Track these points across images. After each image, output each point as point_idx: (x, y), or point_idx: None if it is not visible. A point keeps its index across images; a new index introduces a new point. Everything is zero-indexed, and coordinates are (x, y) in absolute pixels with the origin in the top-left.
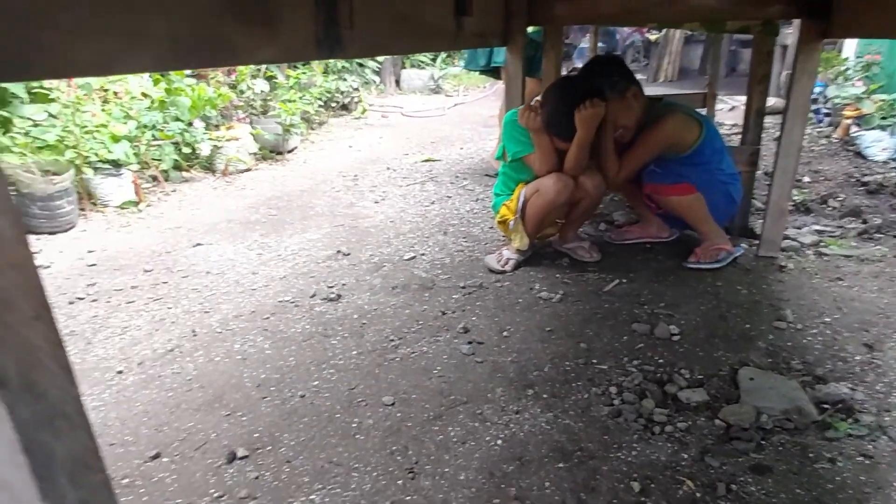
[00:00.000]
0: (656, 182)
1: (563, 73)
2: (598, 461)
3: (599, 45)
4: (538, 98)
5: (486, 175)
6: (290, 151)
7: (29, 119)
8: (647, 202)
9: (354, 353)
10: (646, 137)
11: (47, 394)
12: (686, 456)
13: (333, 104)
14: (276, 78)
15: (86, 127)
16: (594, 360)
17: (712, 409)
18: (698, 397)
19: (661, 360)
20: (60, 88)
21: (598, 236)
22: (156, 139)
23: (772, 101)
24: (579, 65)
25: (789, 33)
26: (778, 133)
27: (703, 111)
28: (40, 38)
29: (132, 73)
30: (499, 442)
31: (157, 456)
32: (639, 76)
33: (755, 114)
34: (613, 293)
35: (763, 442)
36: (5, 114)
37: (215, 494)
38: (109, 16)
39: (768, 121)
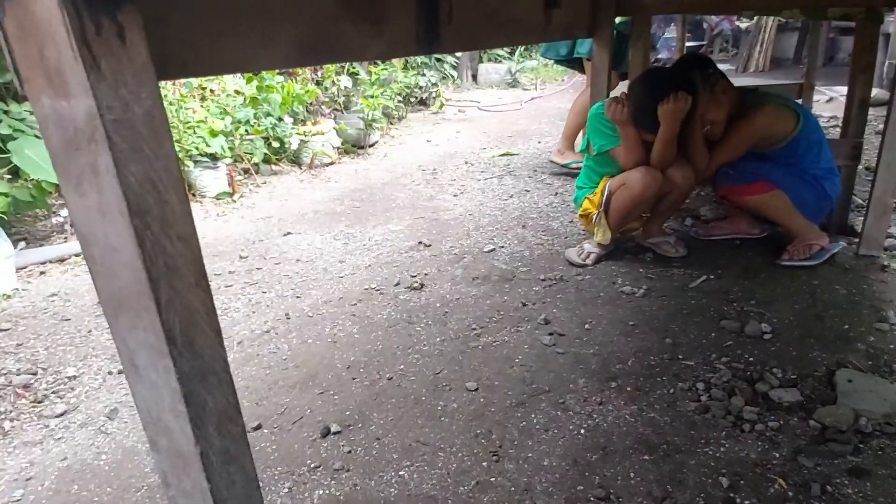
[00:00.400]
0: (728, 183)
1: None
2: (685, 455)
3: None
4: (624, 90)
5: (565, 175)
6: (371, 146)
7: None
8: (726, 203)
9: (438, 339)
10: (737, 130)
11: (203, 352)
12: (777, 455)
13: (412, 99)
14: (359, 74)
15: (188, 122)
16: (680, 356)
17: (806, 410)
18: (791, 397)
19: (751, 359)
20: (166, 87)
21: (684, 231)
22: (248, 134)
23: (873, 92)
24: (662, 56)
25: (891, 21)
26: (880, 126)
27: (800, 102)
28: (195, 41)
29: (266, 70)
30: (582, 431)
31: (258, 427)
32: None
33: (858, 105)
34: (700, 289)
35: (861, 445)
36: None
37: (312, 465)
38: (249, 22)
39: (869, 113)
